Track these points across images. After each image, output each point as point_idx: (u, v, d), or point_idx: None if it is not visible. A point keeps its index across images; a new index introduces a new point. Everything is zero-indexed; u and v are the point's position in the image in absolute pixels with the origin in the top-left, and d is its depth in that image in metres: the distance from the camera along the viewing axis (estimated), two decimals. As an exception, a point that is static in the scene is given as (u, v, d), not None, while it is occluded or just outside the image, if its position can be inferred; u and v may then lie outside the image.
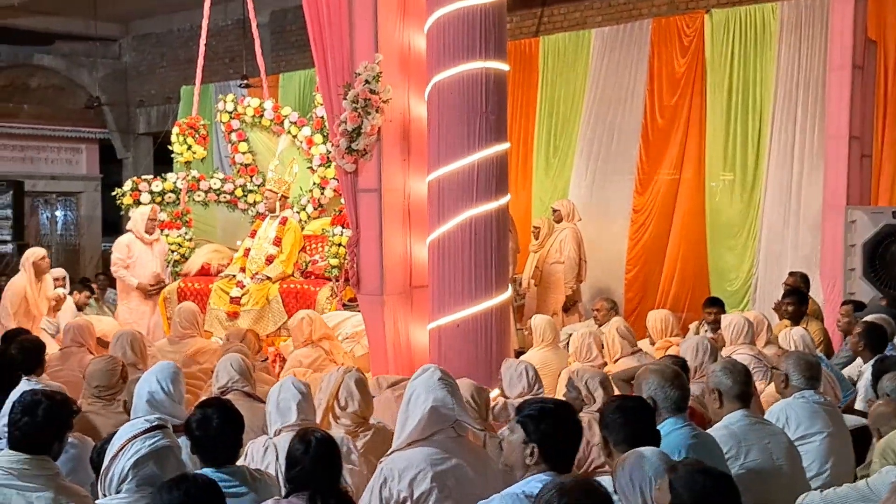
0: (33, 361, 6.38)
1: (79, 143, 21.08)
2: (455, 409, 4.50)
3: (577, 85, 12.36)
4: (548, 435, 3.66)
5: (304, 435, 3.90)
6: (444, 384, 4.54)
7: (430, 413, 4.45)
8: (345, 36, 7.47)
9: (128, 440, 3.46)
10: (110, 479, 3.45)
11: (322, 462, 3.80)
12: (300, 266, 10.24)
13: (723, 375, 4.89)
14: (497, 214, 6.84)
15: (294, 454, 3.84)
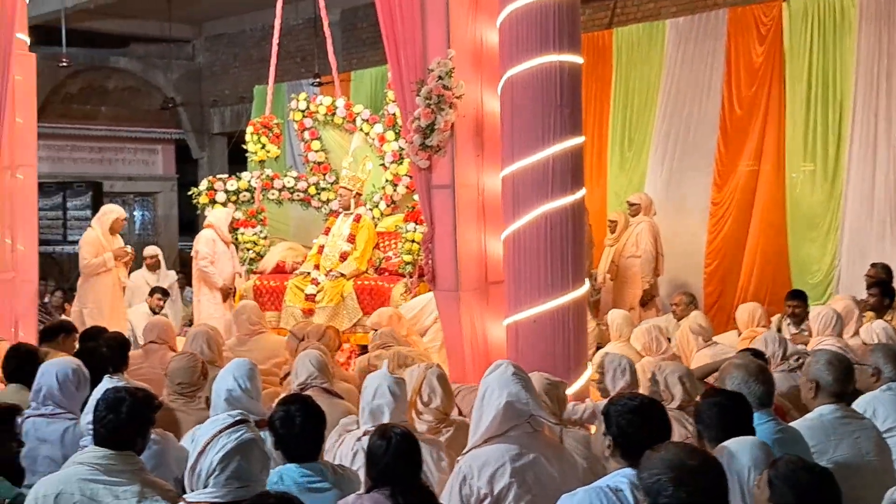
0: (119, 358, 6.48)
1: (155, 144, 21.41)
2: (530, 404, 4.48)
3: (651, 77, 12.21)
4: (624, 429, 3.67)
5: (385, 431, 3.91)
6: (518, 379, 4.51)
7: (505, 408, 4.42)
8: (417, 32, 7.44)
9: (213, 435, 3.50)
10: (198, 474, 3.49)
11: (403, 458, 3.82)
12: (374, 263, 10.25)
13: (824, 369, 4.83)
14: (573, 209, 6.75)
15: (375, 450, 3.85)
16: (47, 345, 7.46)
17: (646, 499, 2.93)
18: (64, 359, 5.55)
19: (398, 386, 4.79)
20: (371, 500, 3.75)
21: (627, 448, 3.64)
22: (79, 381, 5.21)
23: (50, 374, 5.18)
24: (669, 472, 2.89)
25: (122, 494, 3.90)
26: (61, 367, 5.23)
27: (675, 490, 2.86)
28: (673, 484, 2.87)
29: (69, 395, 5.13)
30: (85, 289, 11.15)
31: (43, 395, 5.15)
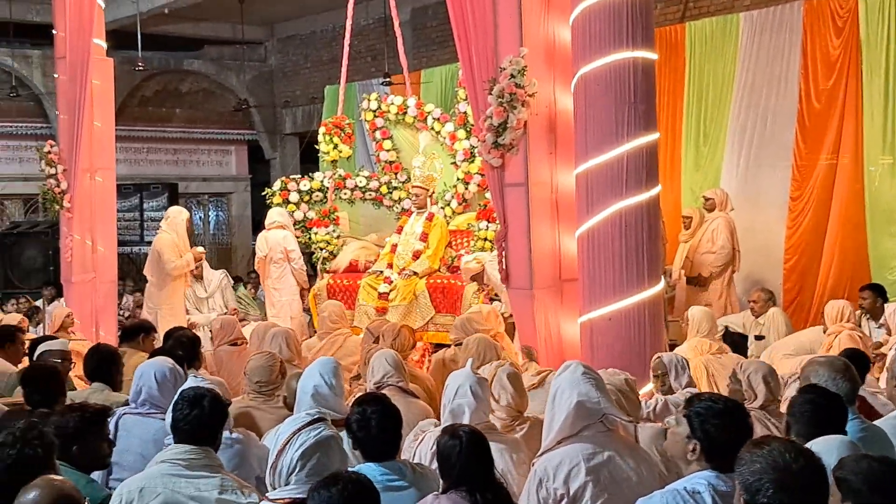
0: (191, 355, 6.59)
1: (228, 145, 21.68)
2: (601, 403, 4.44)
3: (726, 71, 12.04)
4: (711, 434, 3.61)
5: (454, 431, 3.93)
6: (588, 378, 4.48)
7: (577, 408, 4.40)
8: (489, 31, 7.45)
9: (292, 433, 3.54)
10: (279, 472, 3.53)
11: (475, 456, 3.83)
12: (446, 261, 10.27)
13: None
14: (648, 205, 6.72)
15: (447, 450, 3.87)
16: (127, 344, 7.61)
17: (743, 494, 2.86)
18: (159, 359, 5.63)
19: (480, 386, 4.78)
20: (449, 500, 3.76)
21: (712, 452, 3.60)
22: (176, 380, 5.29)
23: (148, 375, 5.26)
24: (773, 472, 2.81)
25: (204, 487, 3.99)
26: (158, 367, 5.33)
27: (776, 492, 2.79)
28: (775, 486, 2.80)
29: (168, 393, 5.17)
30: (164, 292, 11.31)
31: (143, 396, 5.25)
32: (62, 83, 10.86)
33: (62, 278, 11.32)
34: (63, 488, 3.29)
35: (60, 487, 3.29)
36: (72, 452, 4.19)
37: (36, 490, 3.23)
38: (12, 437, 3.63)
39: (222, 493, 3.98)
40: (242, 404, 5.91)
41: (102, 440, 4.36)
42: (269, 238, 11.38)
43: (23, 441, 3.61)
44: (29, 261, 17.41)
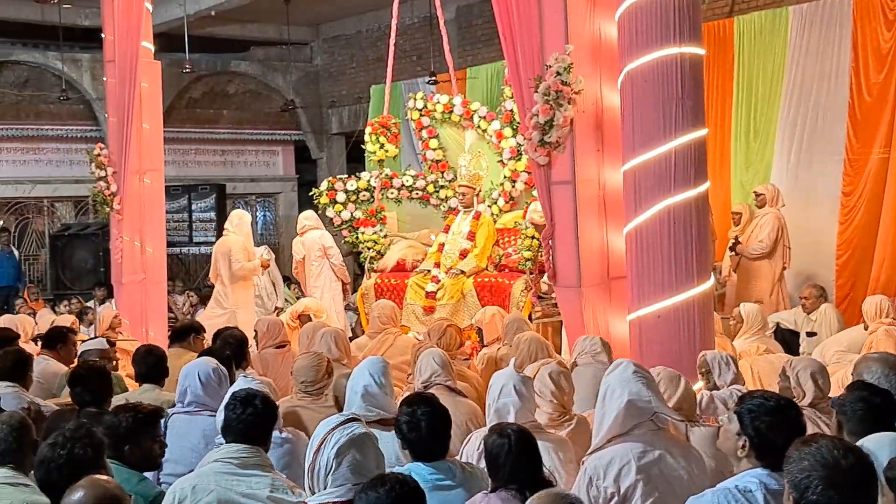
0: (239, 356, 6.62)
1: (275, 146, 21.79)
2: (652, 402, 4.42)
3: (775, 65, 11.91)
4: (761, 431, 3.61)
5: (502, 430, 3.93)
6: (639, 377, 4.45)
7: (627, 407, 4.38)
8: (534, 28, 7.42)
9: (326, 433, 3.54)
10: (317, 473, 3.54)
11: (523, 455, 3.84)
12: (494, 260, 10.25)
13: None
14: (697, 202, 6.64)
15: (495, 449, 3.87)
16: (178, 345, 7.66)
17: (792, 492, 2.84)
18: (202, 360, 5.69)
19: (524, 384, 4.77)
20: (498, 499, 3.75)
21: (762, 449, 3.59)
22: (220, 379, 5.35)
23: (192, 375, 5.32)
24: (822, 469, 2.79)
25: (256, 486, 4.04)
26: (202, 367, 5.37)
27: (825, 489, 2.77)
28: (823, 483, 2.77)
29: (212, 392, 5.28)
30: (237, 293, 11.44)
31: (189, 397, 5.31)
32: (111, 86, 10.97)
33: (112, 279, 11.44)
34: (108, 488, 3.30)
35: (106, 487, 3.30)
36: (124, 452, 4.24)
37: (81, 490, 3.24)
38: (62, 438, 3.67)
39: (273, 491, 4.02)
40: (290, 404, 5.93)
41: (154, 441, 4.40)
42: (304, 241, 11.49)
43: (72, 441, 3.65)
44: (80, 262, 17.61)
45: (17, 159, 18.89)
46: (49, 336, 7.80)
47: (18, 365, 6.31)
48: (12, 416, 4.21)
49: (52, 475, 3.60)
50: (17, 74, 18.54)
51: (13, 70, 18.48)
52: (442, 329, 7.46)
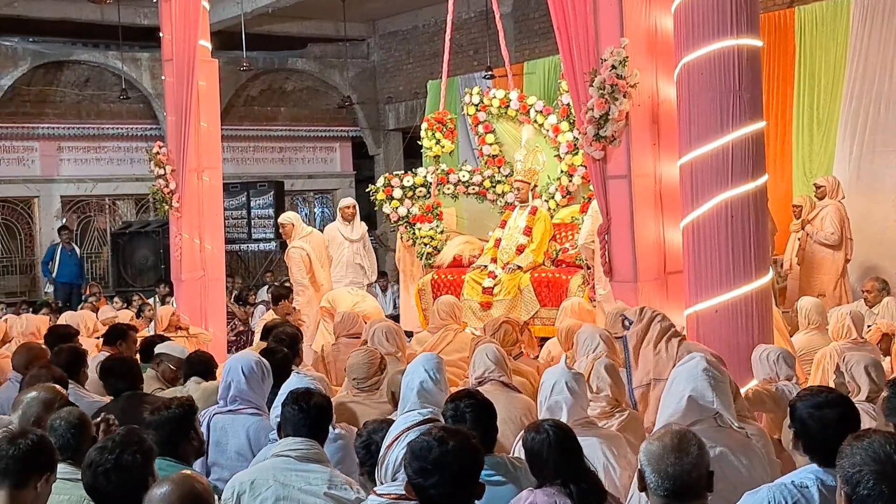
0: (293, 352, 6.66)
1: (332, 142, 21.94)
2: (714, 404, 4.34)
3: (837, 55, 11.74)
4: (808, 425, 3.65)
5: (538, 427, 3.93)
6: (708, 376, 4.37)
7: (688, 403, 4.34)
8: (589, 22, 7.37)
9: (402, 431, 3.58)
10: (386, 468, 3.57)
11: (565, 449, 3.83)
12: (551, 255, 10.22)
13: None
14: (755, 195, 6.55)
15: (535, 446, 3.86)
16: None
17: (844, 487, 2.83)
18: (245, 353, 5.74)
19: (576, 381, 4.74)
20: (544, 495, 3.74)
21: (809, 442, 3.63)
22: (263, 373, 5.36)
23: (236, 368, 5.33)
24: (873, 464, 2.79)
25: (314, 481, 4.09)
26: (244, 361, 5.39)
27: (877, 483, 2.76)
28: (875, 477, 2.77)
29: (255, 386, 5.30)
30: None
31: (232, 391, 5.31)
32: (169, 85, 11.09)
33: (172, 276, 11.59)
34: (195, 485, 3.27)
35: (192, 484, 3.27)
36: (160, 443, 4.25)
37: (168, 484, 3.23)
38: (112, 443, 3.68)
39: (331, 487, 4.07)
40: (345, 399, 5.98)
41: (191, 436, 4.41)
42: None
43: (122, 446, 3.65)
44: (141, 259, 17.87)
45: (79, 158, 19.24)
46: (110, 333, 7.90)
47: (73, 361, 6.39)
48: (71, 413, 4.27)
49: (99, 480, 3.59)
50: (77, 74, 18.85)
51: (74, 70, 18.80)
52: (498, 324, 7.44)
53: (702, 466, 3.29)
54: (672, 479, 3.23)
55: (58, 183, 19.09)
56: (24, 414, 4.57)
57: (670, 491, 3.23)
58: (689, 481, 3.24)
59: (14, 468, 3.50)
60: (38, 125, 18.68)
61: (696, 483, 3.26)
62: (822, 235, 10.69)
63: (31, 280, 18.93)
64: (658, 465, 3.25)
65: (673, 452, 3.26)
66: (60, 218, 18.90)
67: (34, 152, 18.85)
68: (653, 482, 3.26)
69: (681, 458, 3.25)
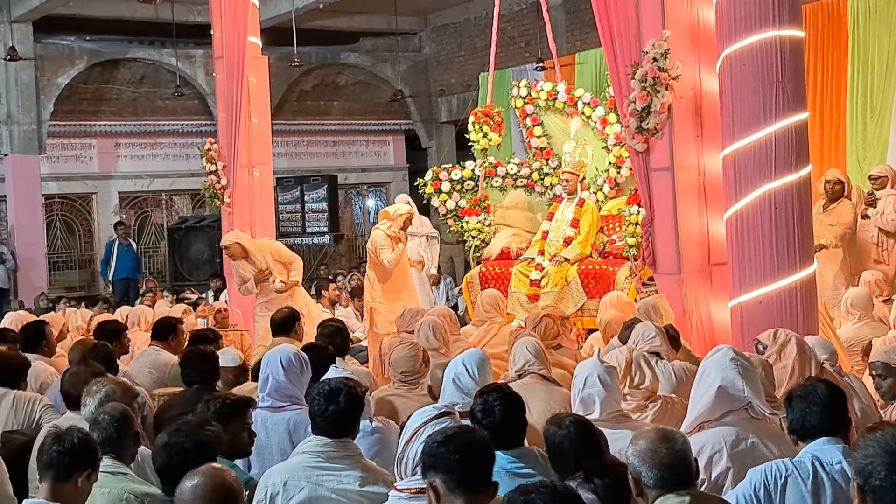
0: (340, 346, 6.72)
1: (385, 136, 22.05)
2: (745, 392, 4.41)
3: (891, 44, 11.59)
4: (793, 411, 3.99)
5: (560, 422, 3.96)
6: (736, 365, 4.44)
7: (718, 393, 4.40)
8: (631, 14, 7.39)
9: (419, 426, 3.59)
10: (405, 463, 3.59)
11: (585, 444, 3.87)
12: (598, 247, 10.20)
13: None
14: (798, 186, 6.54)
15: (555, 440, 3.92)
16: (282, 336, 7.73)
17: (857, 478, 2.86)
18: (283, 346, 5.82)
19: (609, 374, 4.77)
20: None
21: (791, 427, 3.95)
22: (301, 366, 5.42)
23: (275, 361, 5.40)
24: (886, 455, 2.80)
25: (346, 479, 4.11)
26: (283, 353, 5.46)
27: (888, 474, 2.77)
28: (887, 468, 2.78)
29: (294, 378, 5.34)
30: None
31: (270, 384, 5.37)
32: (220, 82, 11.25)
33: (225, 271, 11.74)
34: (225, 478, 3.35)
35: (223, 477, 3.35)
36: None
37: (199, 477, 3.31)
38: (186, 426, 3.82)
39: (363, 485, 4.09)
40: (387, 392, 6.05)
41: (243, 429, 4.51)
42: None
43: (197, 428, 3.83)
44: (196, 254, 18.10)
45: (136, 154, 19.55)
46: (158, 327, 8.04)
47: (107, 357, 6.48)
48: (114, 408, 4.38)
49: (175, 460, 3.75)
50: (133, 72, 19.15)
51: (129, 67, 19.09)
52: (538, 318, 7.48)
53: (689, 454, 3.45)
54: (669, 468, 3.37)
55: (115, 179, 19.43)
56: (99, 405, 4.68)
57: (669, 480, 3.36)
58: (683, 467, 3.39)
59: (58, 462, 3.69)
60: (95, 123, 19.02)
61: (689, 468, 3.41)
62: (883, 220, 10.53)
63: (90, 275, 19.30)
64: (653, 458, 3.38)
65: (663, 443, 3.40)
66: (118, 213, 19.22)
67: (92, 149, 19.20)
68: (650, 477, 3.38)
69: (672, 447, 3.39)
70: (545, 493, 2.84)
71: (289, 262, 10.62)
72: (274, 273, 10.34)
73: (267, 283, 10.30)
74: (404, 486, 3.55)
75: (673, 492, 3.34)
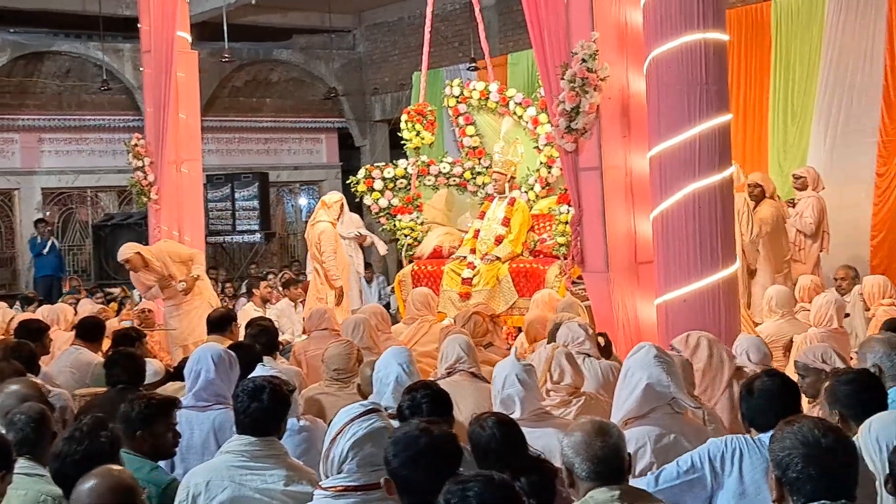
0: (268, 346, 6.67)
1: (319, 133, 21.93)
2: (671, 387, 4.49)
3: (812, 48, 11.88)
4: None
5: (482, 422, 3.97)
6: (660, 362, 4.53)
7: (646, 390, 4.48)
8: (561, 16, 7.47)
9: (345, 424, 3.57)
10: (331, 461, 3.58)
11: (510, 443, 3.89)
12: (529, 245, 10.29)
13: None
14: (721, 187, 6.67)
15: (479, 441, 3.91)
16: (216, 334, 7.67)
17: (774, 470, 2.93)
18: (212, 343, 5.78)
19: (527, 373, 4.81)
20: None
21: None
22: (230, 363, 5.35)
23: (205, 357, 5.30)
24: (802, 448, 2.87)
25: (270, 479, 4.05)
26: (213, 350, 5.39)
27: (805, 467, 2.84)
28: (803, 461, 2.85)
29: (224, 375, 5.26)
30: None
31: (200, 380, 5.29)
32: (148, 77, 11.13)
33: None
34: (121, 478, 3.30)
35: (119, 477, 3.30)
36: (135, 438, 4.29)
37: (94, 479, 3.25)
38: (79, 433, 3.73)
39: (288, 484, 4.04)
40: (317, 391, 6.03)
41: (168, 429, 4.45)
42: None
43: (90, 436, 3.70)
44: (123, 251, 17.79)
45: (60, 150, 19.16)
46: (81, 326, 7.92)
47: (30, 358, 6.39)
48: (31, 407, 4.27)
49: (68, 469, 3.63)
50: (58, 65, 18.80)
51: (55, 60, 18.73)
52: (468, 315, 7.51)
53: (623, 448, 3.46)
54: (603, 461, 3.38)
55: (39, 175, 18.95)
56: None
57: (602, 473, 3.37)
58: (616, 461, 3.40)
59: None
60: (18, 116, 18.56)
61: (622, 462, 3.42)
62: (801, 223, 10.75)
63: (12, 273, 18.87)
64: (587, 451, 3.38)
65: (598, 436, 3.40)
66: (42, 210, 18.85)
67: (14, 144, 18.75)
68: (583, 469, 3.39)
69: (606, 441, 3.40)
70: (481, 483, 2.83)
71: (188, 259, 10.56)
72: (175, 276, 10.30)
73: (170, 287, 10.28)
74: (329, 485, 3.53)
75: (605, 485, 3.36)
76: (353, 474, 3.50)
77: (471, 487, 2.82)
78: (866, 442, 3.61)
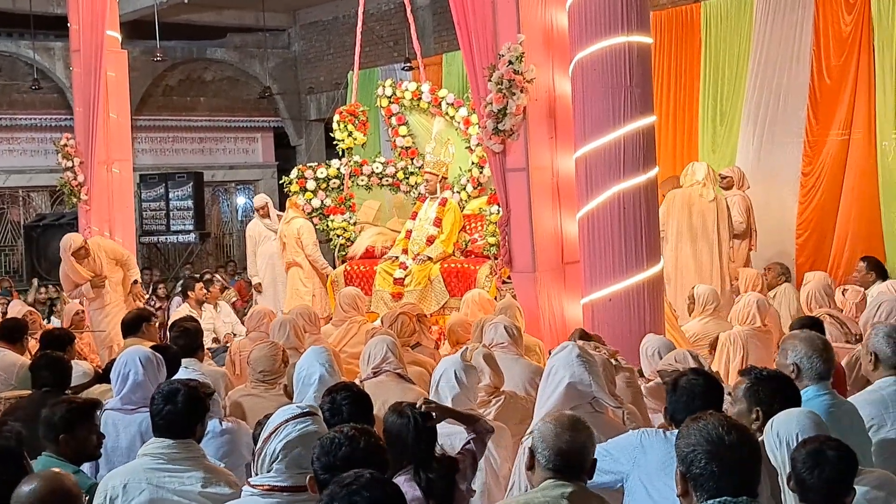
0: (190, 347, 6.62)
1: (254, 133, 21.80)
2: (592, 387, 4.55)
3: (741, 49, 12.06)
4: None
5: (401, 410, 4.02)
6: (582, 361, 4.58)
7: (567, 389, 4.53)
8: (488, 17, 7.54)
9: (281, 423, 3.61)
10: (263, 459, 3.61)
11: (424, 436, 3.95)
12: (460, 245, 10.34)
13: (884, 342, 4.82)
14: (646, 188, 6.80)
15: (393, 428, 3.97)
16: (132, 337, 7.59)
17: (679, 466, 2.99)
18: (138, 346, 5.74)
19: (466, 373, 4.86)
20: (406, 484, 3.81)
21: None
22: (158, 364, 5.33)
23: (133, 360, 5.26)
24: (706, 444, 2.93)
25: (188, 481, 4.05)
26: (141, 352, 5.36)
27: (708, 463, 2.90)
28: (707, 457, 2.91)
29: (153, 376, 5.23)
30: None
31: (129, 382, 5.25)
32: (77, 76, 11.00)
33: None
34: (63, 482, 3.30)
35: (61, 481, 3.30)
36: (58, 442, 4.27)
37: (35, 481, 3.25)
38: None
39: (206, 486, 4.04)
40: (242, 393, 6.02)
41: (91, 432, 4.42)
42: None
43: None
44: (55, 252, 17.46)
45: (-8, 149, 18.89)
46: (3, 328, 7.80)
47: None
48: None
49: None
50: (-12, 63, 18.54)
51: (-16, 59, 18.48)
52: (395, 316, 7.54)
53: (591, 450, 3.56)
54: (565, 456, 3.49)
55: (-32, 174, 18.75)
56: None
57: (561, 466, 3.48)
58: (580, 459, 3.50)
59: None
60: (-54, 115, 18.33)
61: (584, 461, 3.53)
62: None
63: (-57, 273, 18.60)
64: (555, 441, 3.50)
65: (568, 431, 3.51)
66: (-29, 210, 18.59)
67: (-57, 142, 18.51)
68: (545, 457, 3.50)
69: (575, 437, 3.51)
70: (364, 483, 2.82)
71: (123, 259, 10.51)
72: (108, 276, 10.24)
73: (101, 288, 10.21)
74: (258, 483, 3.56)
75: (561, 479, 3.45)
76: (281, 474, 3.54)
77: (356, 490, 2.81)
78: (768, 437, 3.69)
